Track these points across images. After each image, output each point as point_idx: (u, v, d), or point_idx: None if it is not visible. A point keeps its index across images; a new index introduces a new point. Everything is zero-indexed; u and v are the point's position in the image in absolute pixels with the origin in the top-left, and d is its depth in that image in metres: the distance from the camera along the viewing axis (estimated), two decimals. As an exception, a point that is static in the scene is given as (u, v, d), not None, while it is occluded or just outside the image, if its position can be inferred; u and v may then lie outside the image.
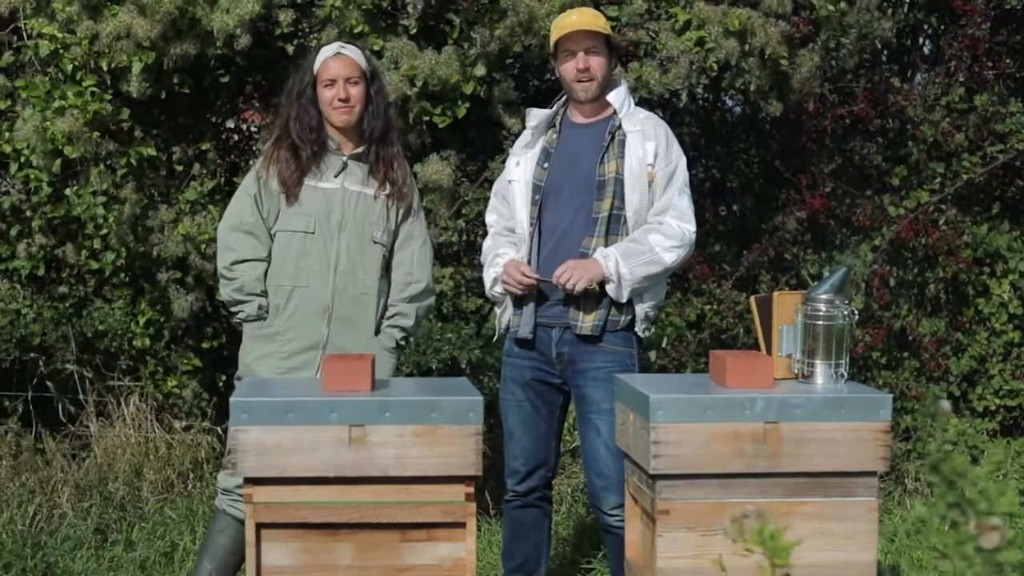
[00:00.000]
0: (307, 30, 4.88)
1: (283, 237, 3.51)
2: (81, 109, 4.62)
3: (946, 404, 1.46)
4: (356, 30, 4.73)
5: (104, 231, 4.79)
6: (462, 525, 2.73)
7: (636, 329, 3.44)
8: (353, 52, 3.55)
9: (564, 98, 3.58)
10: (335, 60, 3.51)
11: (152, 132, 4.98)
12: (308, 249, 3.49)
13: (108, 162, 4.82)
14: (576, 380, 3.45)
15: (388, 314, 3.57)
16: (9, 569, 4.05)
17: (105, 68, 4.68)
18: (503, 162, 4.94)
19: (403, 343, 3.60)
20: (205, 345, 5.15)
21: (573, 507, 4.92)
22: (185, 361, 5.09)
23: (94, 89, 4.69)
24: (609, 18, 4.83)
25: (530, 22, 4.75)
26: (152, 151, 4.85)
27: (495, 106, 4.99)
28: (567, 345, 3.43)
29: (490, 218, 3.68)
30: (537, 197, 3.47)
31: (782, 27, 4.99)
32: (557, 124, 3.54)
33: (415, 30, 4.82)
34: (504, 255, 3.50)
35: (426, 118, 4.87)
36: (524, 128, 3.61)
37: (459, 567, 2.74)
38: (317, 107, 3.52)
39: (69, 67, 4.72)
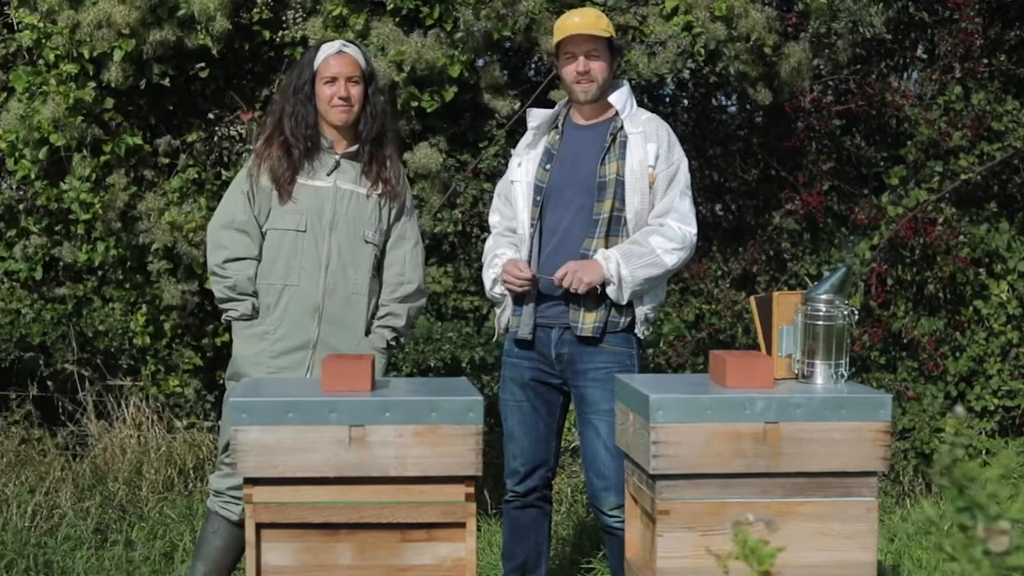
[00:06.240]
0: (291, 20, 4.88)
1: (274, 235, 3.49)
2: (64, 96, 4.63)
3: (961, 410, 1.46)
4: (334, 13, 4.74)
5: (87, 216, 4.77)
6: (462, 525, 2.74)
7: (636, 331, 3.45)
8: (354, 51, 3.54)
9: (567, 99, 3.58)
10: (337, 58, 3.49)
11: (137, 123, 4.98)
12: (299, 248, 3.46)
13: (93, 148, 4.82)
14: (575, 381, 3.45)
15: (379, 314, 3.56)
16: (9, 568, 4.05)
17: (87, 56, 4.70)
18: (493, 153, 4.95)
19: (394, 343, 3.59)
20: (206, 342, 5.15)
21: (573, 507, 4.92)
22: (186, 360, 5.09)
23: (74, 73, 4.70)
24: (595, 3, 4.84)
25: (514, 2, 4.79)
26: (138, 140, 4.87)
27: (482, 91, 4.99)
28: (567, 346, 3.43)
29: (493, 219, 3.68)
30: (538, 198, 3.47)
31: (768, 13, 5.07)
32: (560, 125, 3.55)
33: (405, 10, 4.84)
34: (503, 255, 3.50)
35: (414, 104, 4.88)
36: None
37: (459, 567, 2.75)
38: (314, 104, 3.50)
39: (51, 56, 4.74)
